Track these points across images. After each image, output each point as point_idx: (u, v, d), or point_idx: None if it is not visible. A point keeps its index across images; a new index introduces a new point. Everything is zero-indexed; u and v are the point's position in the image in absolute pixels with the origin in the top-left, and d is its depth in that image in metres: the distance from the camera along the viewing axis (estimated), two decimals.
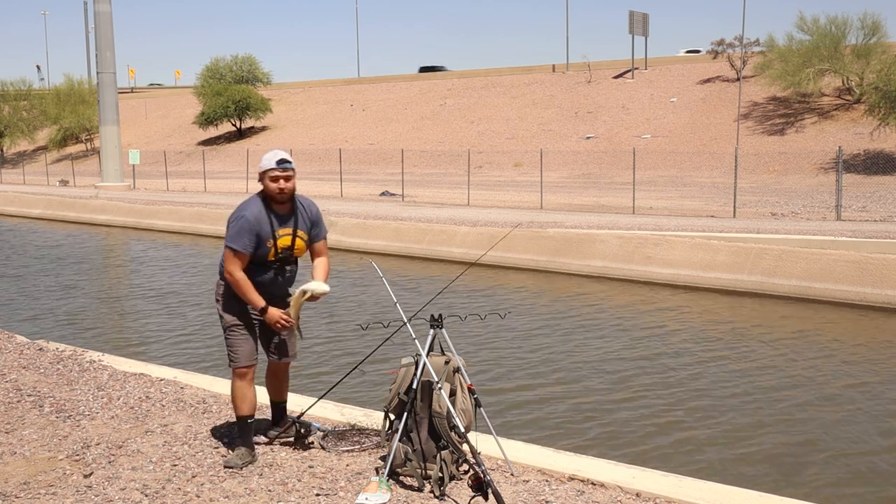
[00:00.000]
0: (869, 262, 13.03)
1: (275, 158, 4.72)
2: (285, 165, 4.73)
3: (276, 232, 4.74)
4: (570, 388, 8.69)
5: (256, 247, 4.69)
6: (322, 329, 11.52)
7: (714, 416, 7.83)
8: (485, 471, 4.10)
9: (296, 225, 4.81)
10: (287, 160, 4.74)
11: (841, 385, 8.86)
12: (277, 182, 4.71)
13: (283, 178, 4.71)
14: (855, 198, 22.56)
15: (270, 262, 4.80)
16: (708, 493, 4.46)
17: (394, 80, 61.87)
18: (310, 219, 4.87)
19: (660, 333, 11.24)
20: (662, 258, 15.15)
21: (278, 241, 4.75)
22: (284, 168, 4.72)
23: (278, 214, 4.76)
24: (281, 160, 4.73)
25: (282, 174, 4.71)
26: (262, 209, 4.73)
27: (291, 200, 4.80)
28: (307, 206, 4.90)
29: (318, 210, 4.97)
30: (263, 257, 4.75)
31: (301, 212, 4.84)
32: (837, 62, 34.71)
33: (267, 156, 4.75)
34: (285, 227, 4.77)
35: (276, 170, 4.69)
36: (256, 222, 4.68)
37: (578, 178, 34.49)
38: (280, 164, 4.71)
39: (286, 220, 4.78)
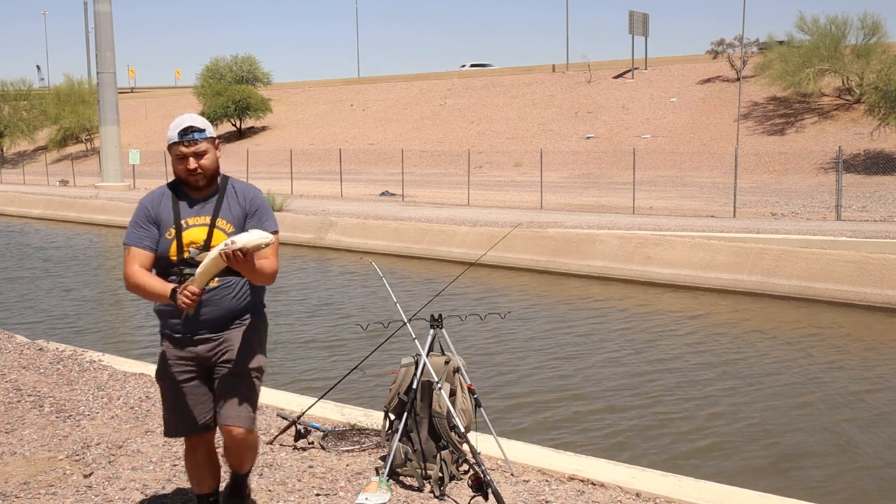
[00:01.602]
0: (869, 262, 13.03)
1: (178, 128, 3.38)
2: (192, 137, 3.37)
3: (183, 220, 3.43)
4: (570, 388, 8.69)
5: (156, 242, 3.43)
6: (322, 329, 11.52)
7: (714, 416, 7.83)
8: (485, 471, 4.10)
9: (216, 213, 3.45)
10: (195, 128, 3.39)
11: (841, 385, 8.86)
12: (185, 161, 3.39)
13: (193, 156, 3.39)
14: (855, 198, 22.55)
15: (174, 264, 3.42)
16: (708, 493, 4.46)
17: (394, 80, 61.86)
18: (243, 207, 3.49)
19: (659, 333, 11.24)
20: (662, 258, 15.15)
21: (184, 233, 3.42)
22: (191, 141, 3.37)
23: (191, 199, 3.48)
24: (186, 129, 3.37)
25: (188, 149, 3.38)
26: (166, 192, 3.52)
27: (214, 184, 3.52)
28: (242, 190, 3.54)
29: (260, 197, 3.57)
30: (164, 257, 3.42)
31: (230, 198, 3.50)
32: (837, 62, 34.70)
33: (172, 124, 3.44)
34: (198, 214, 3.45)
35: (181, 144, 3.37)
36: (153, 206, 3.47)
37: (578, 178, 34.48)
38: (184, 135, 3.37)
39: (201, 207, 3.47)
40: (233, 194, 3.51)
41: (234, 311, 3.52)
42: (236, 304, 3.52)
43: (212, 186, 3.50)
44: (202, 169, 3.41)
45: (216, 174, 3.50)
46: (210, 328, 3.50)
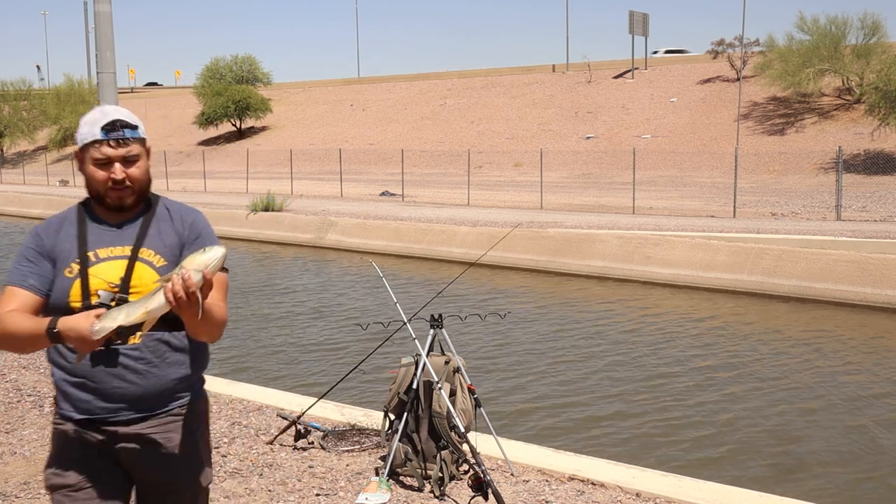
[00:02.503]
0: (869, 262, 13.03)
1: (100, 121, 2.43)
2: (122, 135, 2.43)
3: (91, 251, 2.44)
4: (569, 388, 8.69)
5: (48, 282, 2.43)
6: (322, 329, 11.52)
7: (714, 416, 7.83)
8: (485, 471, 4.10)
9: (140, 240, 2.47)
10: (125, 123, 2.44)
11: (841, 385, 8.86)
12: (108, 169, 2.42)
13: (121, 161, 2.42)
14: (855, 198, 22.55)
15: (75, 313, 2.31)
16: (708, 493, 4.46)
17: (394, 80, 61.86)
18: (179, 234, 2.52)
19: (660, 333, 11.24)
20: (662, 258, 15.15)
21: (93, 270, 2.40)
22: (120, 140, 2.42)
23: (105, 223, 2.50)
24: (113, 124, 2.42)
25: (116, 151, 2.42)
26: (71, 215, 2.56)
27: (140, 202, 2.52)
28: (179, 212, 2.58)
29: (203, 222, 2.60)
30: (61, 304, 2.39)
31: (161, 221, 2.53)
32: (837, 62, 34.70)
33: (87, 118, 2.47)
34: (115, 244, 2.46)
35: (105, 144, 2.41)
36: (48, 234, 2.51)
37: (578, 178, 34.48)
38: (111, 131, 2.42)
39: (119, 234, 2.48)
40: (165, 216, 2.53)
41: (169, 387, 2.46)
42: (173, 374, 2.46)
43: (137, 207, 2.51)
44: (132, 181, 2.42)
45: (147, 190, 2.52)
46: (131, 408, 2.42)
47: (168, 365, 2.46)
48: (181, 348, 2.50)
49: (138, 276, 2.42)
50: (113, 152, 2.42)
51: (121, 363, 2.40)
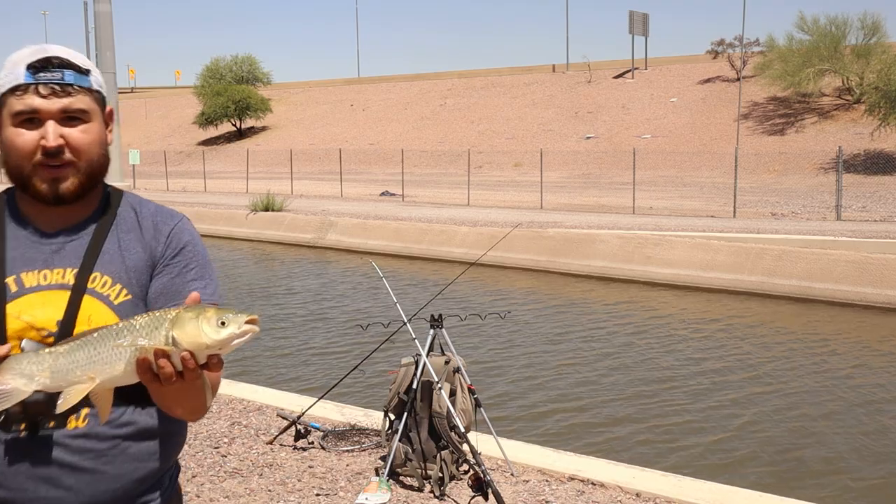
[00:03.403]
0: (869, 262, 13.03)
1: (28, 59, 1.59)
2: (57, 79, 1.58)
3: (13, 274, 1.60)
4: (570, 388, 8.69)
5: None
6: (322, 329, 11.52)
7: (714, 416, 7.83)
8: (485, 471, 4.10)
9: (89, 261, 1.62)
10: (64, 62, 1.59)
11: (841, 385, 8.86)
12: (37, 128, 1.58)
13: (56, 117, 1.58)
14: (855, 198, 22.56)
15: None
16: (708, 493, 4.46)
17: (394, 80, 61.86)
18: (151, 249, 1.68)
19: (660, 333, 11.24)
20: (662, 258, 15.15)
21: (11, 306, 1.57)
22: (56, 88, 1.58)
23: (36, 229, 1.66)
24: (42, 63, 1.57)
25: (47, 103, 1.57)
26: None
27: (87, 192, 1.65)
28: (151, 216, 1.73)
29: (188, 230, 1.74)
30: None
31: (123, 229, 1.69)
32: (837, 62, 34.70)
33: (11, 57, 1.63)
34: (50, 265, 1.62)
35: (30, 91, 1.57)
36: None
37: (578, 178, 34.49)
38: (42, 70, 1.57)
39: (58, 248, 1.64)
40: (130, 222, 1.68)
41: (129, 491, 1.63)
42: (135, 472, 1.63)
43: (89, 203, 1.67)
44: (75, 153, 1.58)
45: (100, 174, 1.65)
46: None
47: (129, 459, 1.60)
48: (150, 432, 1.64)
49: (86, 317, 1.55)
50: (44, 104, 1.55)
51: (55, 459, 1.54)
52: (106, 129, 1.70)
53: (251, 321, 1.36)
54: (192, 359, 1.36)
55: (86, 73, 1.64)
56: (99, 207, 1.71)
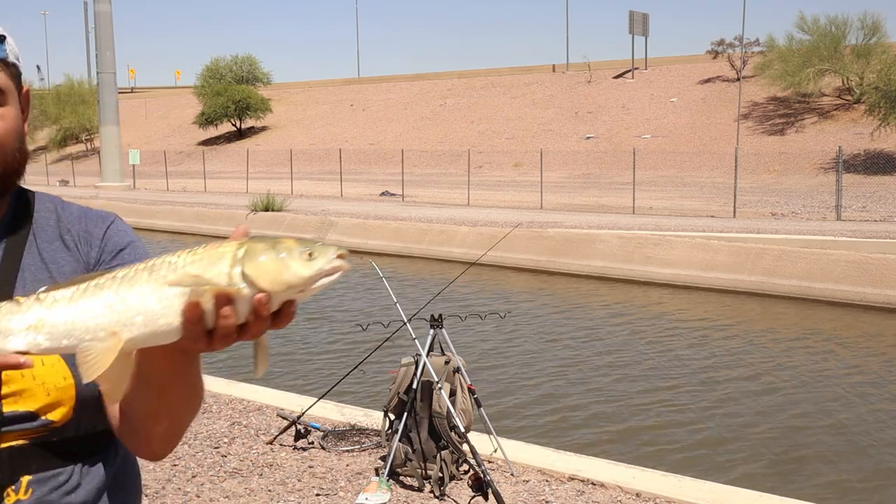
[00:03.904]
0: (869, 262, 13.03)
1: None
2: None
3: None
4: (570, 388, 8.69)
5: None
6: (322, 329, 11.52)
7: (714, 416, 7.83)
8: (485, 471, 4.10)
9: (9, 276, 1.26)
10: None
11: (841, 385, 8.86)
12: None
13: None
14: (855, 198, 22.56)
15: None
16: (708, 493, 4.46)
17: (394, 80, 61.87)
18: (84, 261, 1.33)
19: (660, 333, 11.24)
20: (662, 258, 15.15)
21: None
22: None
23: None
24: None
25: None
26: None
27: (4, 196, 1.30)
28: (76, 220, 1.36)
29: (123, 230, 1.39)
30: None
31: (44, 237, 1.33)
32: (837, 62, 34.71)
33: None
34: None
35: None
36: None
37: (578, 178, 34.49)
38: None
39: None
40: (51, 228, 1.35)
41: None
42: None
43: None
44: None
45: (15, 170, 1.29)
46: None
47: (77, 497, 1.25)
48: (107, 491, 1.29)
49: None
50: None
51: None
52: (19, 111, 1.27)
53: (340, 256, 1.03)
54: (267, 304, 0.98)
55: (0, 39, 1.24)
56: (9, 214, 1.30)
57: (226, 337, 1.00)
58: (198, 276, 0.97)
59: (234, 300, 0.98)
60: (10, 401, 1.18)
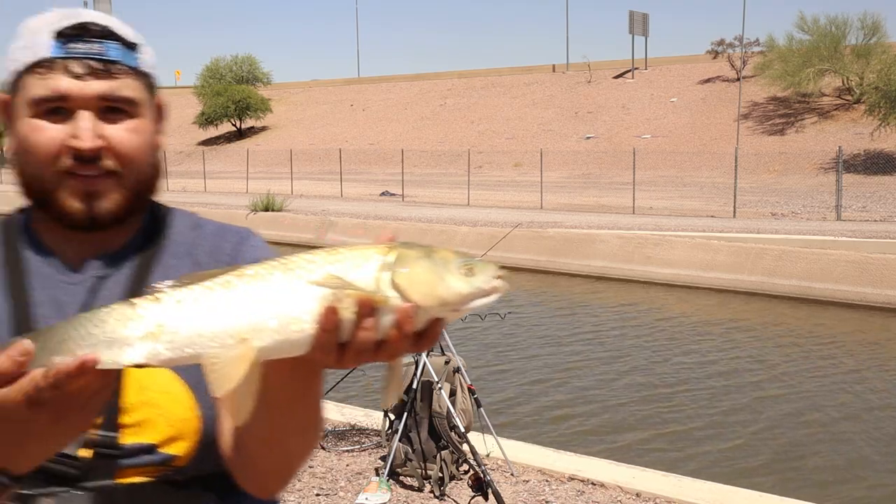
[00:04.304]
0: (869, 262, 13.03)
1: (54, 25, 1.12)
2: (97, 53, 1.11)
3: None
4: (570, 389, 8.69)
5: None
6: None
7: (714, 416, 7.83)
8: (485, 471, 4.10)
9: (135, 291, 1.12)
10: (105, 31, 1.12)
11: (841, 385, 8.86)
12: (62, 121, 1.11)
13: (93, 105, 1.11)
14: (855, 198, 22.56)
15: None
16: (708, 493, 4.46)
17: (394, 80, 61.88)
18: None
19: (660, 333, 11.24)
20: (662, 258, 15.15)
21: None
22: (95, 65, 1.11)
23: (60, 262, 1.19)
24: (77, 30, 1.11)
25: (82, 86, 1.10)
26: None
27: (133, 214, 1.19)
28: (212, 237, 1.26)
29: (260, 245, 1.28)
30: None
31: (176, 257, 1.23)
32: (837, 62, 34.71)
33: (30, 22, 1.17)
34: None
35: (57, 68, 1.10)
36: None
37: (578, 178, 34.49)
38: (71, 42, 1.10)
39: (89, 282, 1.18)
40: (185, 245, 1.26)
41: None
42: None
43: (129, 224, 1.22)
44: (119, 158, 1.14)
45: (149, 191, 1.22)
46: None
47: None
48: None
49: (136, 384, 1.11)
50: (76, 87, 1.11)
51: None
52: (155, 124, 1.21)
53: (500, 276, 0.91)
54: (413, 318, 0.87)
55: (134, 47, 1.16)
56: (141, 231, 1.24)
57: (361, 352, 0.87)
58: (341, 279, 0.85)
59: (377, 310, 0.86)
60: (130, 432, 1.10)
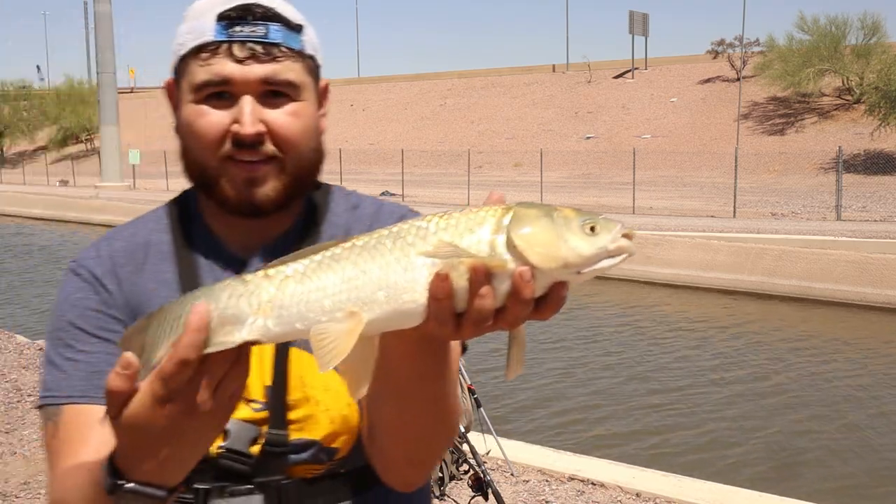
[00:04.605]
0: (869, 262, 13.03)
1: (217, 8, 1.10)
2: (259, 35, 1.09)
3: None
4: (569, 388, 8.69)
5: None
6: None
7: (714, 416, 7.83)
8: (485, 471, 4.10)
9: None
10: (268, 12, 1.10)
11: (841, 385, 8.86)
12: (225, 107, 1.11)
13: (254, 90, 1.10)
14: (855, 198, 22.56)
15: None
16: (708, 493, 4.46)
17: (394, 80, 61.88)
18: None
19: (659, 334, 11.24)
20: (662, 258, 15.15)
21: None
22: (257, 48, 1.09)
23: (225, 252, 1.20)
24: (241, 11, 1.09)
25: (245, 70, 1.09)
26: (158, 231, 1.25)
27: (293, 200, 1.17)
28: (364, 214, 1.29)
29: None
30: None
31: (331, 233, 1.23)
32: (837, 62, 34.72)
33: (196, 5, 1.14)
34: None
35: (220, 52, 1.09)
36: (117, 276, 1.18)
37: (578, 178, 34.50)
38: (234, 25, 1.09)
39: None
40: (340, 224, 1.27)
41: None
42: None
43: (290, 210, 1.21)
44: (277, 141, 1.13)
45: (310, 177, 1.20)
46: None
47: None
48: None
49: (299, 380, 1.13)
50: (239, 71, 1.10)
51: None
52: (317, 107, 1.19)
53: (627, 235, 0.83)
54: (531, 282, 0.80)
55: (297, 29, 1.14)
56: (303, 214, 1.23)
57: (479, 322, 0.81)
58: (454, 246, 0.80)
59: (493, 276, 0.80)
60: (296, 428, 1.12)
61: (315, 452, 1.12)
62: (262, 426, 1.11)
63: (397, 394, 0.99)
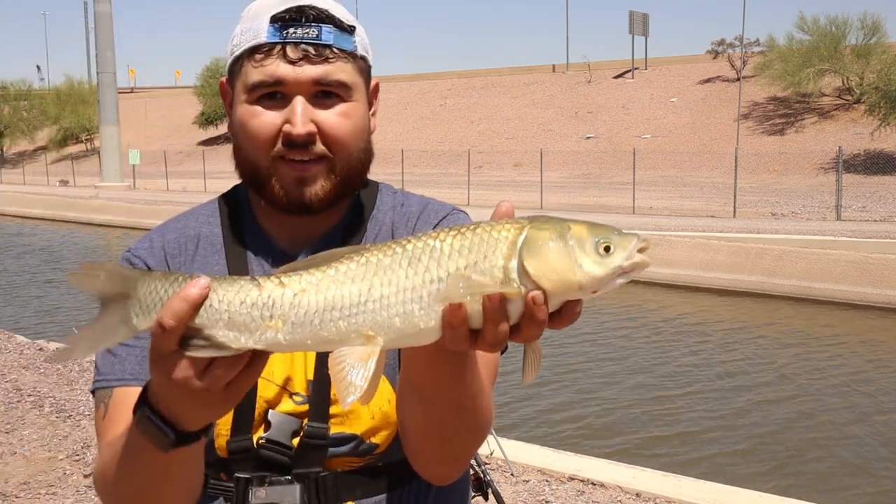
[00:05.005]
0: (869, 262, 13.03)
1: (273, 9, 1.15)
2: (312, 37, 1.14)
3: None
4: (570, 389, 8.69)
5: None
6: None
7: (714, 416, 7.83)
8: (485, 471, 4.10)
9: None
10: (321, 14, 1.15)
11: (841, 385, 8.86)
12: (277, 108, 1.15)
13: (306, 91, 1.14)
14: (855, 198, 22.56)
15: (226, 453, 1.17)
16: (708, 493, 4.46)
17: (394, 80, 61.88)
18: None
19: (659, 334, 11.24)
20: (662, 258, 15.14)
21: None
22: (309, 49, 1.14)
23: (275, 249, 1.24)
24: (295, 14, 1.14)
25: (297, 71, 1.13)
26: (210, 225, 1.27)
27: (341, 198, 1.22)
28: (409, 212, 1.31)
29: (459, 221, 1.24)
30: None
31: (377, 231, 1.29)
32: (837, 62, 34.72)
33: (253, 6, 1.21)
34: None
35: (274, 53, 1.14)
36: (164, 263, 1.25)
37: (578, 178, 34.49)
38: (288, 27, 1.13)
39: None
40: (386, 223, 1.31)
41: None
42: None
43: (336, 208, 1.25)
44: (327, 141, 1.17)
45: (359, 176, 1.24)
46: None
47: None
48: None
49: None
50: (292, 72, 1.13)
51: None
52: (368, 107, 1.24)
53: (642, 249, 0.86)
54: (544, 305, 0.81)
55: (349, 30, 1.18)
56: (350, 211, 1.26)
57: (494, 342, 0.85)
58: (467, 279, 0.80)
59: (507, 301, 0.82)
60: (336, 422, 1.15)
61: (354, 446, 1.16)
62: (303, 419, 1.15)
63: (420, 396, 1.03)
